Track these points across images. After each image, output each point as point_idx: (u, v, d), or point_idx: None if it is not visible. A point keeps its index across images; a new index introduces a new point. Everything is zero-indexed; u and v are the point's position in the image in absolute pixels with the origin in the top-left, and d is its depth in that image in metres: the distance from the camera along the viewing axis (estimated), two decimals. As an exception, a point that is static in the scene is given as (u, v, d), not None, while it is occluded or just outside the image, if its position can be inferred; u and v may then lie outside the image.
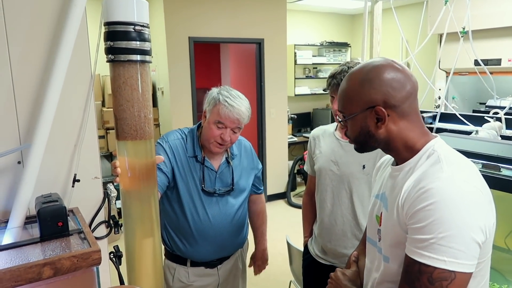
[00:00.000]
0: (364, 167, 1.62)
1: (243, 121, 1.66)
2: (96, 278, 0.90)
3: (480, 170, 1.42)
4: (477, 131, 1.94)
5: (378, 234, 1.05)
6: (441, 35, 2.62)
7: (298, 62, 6.15)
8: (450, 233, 0.79)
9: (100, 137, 4.38)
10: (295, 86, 6.18)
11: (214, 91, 1.68)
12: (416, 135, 0.96)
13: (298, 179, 5.96)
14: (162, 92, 4.77)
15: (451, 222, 0.79)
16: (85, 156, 1.18)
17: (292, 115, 6.00)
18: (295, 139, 5.89)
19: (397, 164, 1.01)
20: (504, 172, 1.38)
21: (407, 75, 0.95)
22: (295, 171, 5.65)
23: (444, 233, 0.79)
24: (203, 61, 6.04)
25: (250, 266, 2.04)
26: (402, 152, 0.98)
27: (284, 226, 4.39)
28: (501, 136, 2.00)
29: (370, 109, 0.94)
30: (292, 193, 5.53)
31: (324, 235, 1.75)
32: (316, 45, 6.41)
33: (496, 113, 2.21)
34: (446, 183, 0.83)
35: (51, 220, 0.93)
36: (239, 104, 1.64)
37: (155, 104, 5.08)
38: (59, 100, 1.06)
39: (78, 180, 1.13)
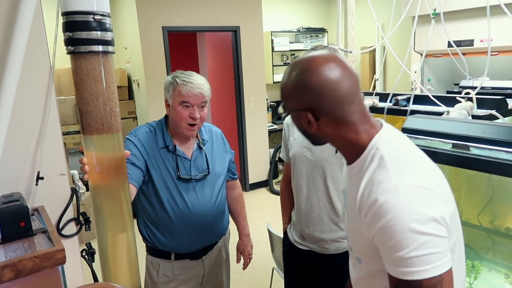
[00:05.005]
0: (337, 151, 1.62)
1: (206, 95, 1.67)
2: (62, 278, 0.87)
3: (450, 150, 1.44)
4: (448, 112, 1.96)
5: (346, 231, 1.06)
6: (413, 18, 2.63)
7: (275, 49, 6.11)
8: (419, 242, 0.79)
9: (77, 132, 4.28)
10: (273, 74, 6.15)
11: (168, 78, 1.69)
12: (357, 134, 0.92)
13: (280, 167, 5.97)
14: (138, 84, 4.68)
15: (413, 234, 0.80)
16: (48, 152, 1.14)
17: (272, 103, 5.98)
18: (275, 126, 5.89)
19: (348, 163, 0.98)
20: (474, 151, 1.40)
21: (344, 75, 0.88)
22: (276, 159, 5.66)
23: (413, 245, 0.79)
24: (180, 51, 5.94)
25: (238, 260, 2.03)
26: (346, 151, 0.97)
27: (267, 214, 4.41)
28: (472, 116, 2.03)
29: (300, 111, 0.92)
30: (274, 181, 5.54)
31: (302, 221, 1.76)
32: (293, 31, 6.38)
33: (468, 93, 2.23)
34: (395, 195, 0.82)
35: (12, 221, 0.90)
36: (196, 79, 1.65)
37: (131, 96, 4.99)
38: (17, 94, 1.02)
39: (42, 178, 1.10)
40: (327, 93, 0.87)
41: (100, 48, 1.13)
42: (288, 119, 1.86)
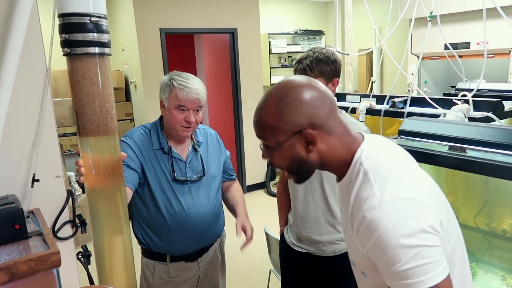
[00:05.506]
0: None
1: (203, 99, 1.65)
2: (57, 281, 0.87)
3: (446, 152, 1.45)
4: (445, 114, 1.97)
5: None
6: (411, 20, 2.64)
7: (272, 51, 6.12)
8: (410, 255, 0.80)
9: (73, 134, 4.27)
10: (270, 75, 6.16)
11: (164, 78, 1.67)
12: (344, 149, 0.93)
13: (277, 169, 5.97)
14: (135, 85, 4.68)
15: (403, 247, 0.80)
16: (44, 154, 1.14)
17: (269, 105, 5.98)
18: (273, 128, 5.88)
19: (338, 180, 0.98)
20: (470, 153, 1.40)
21: (323, 91, 0.91)
22: (275, 165, 5.65)
23: (405, 258, 0.80)
24: (177, 53, 5.94)
25: (239, 234, 1.71)
26: (337, 169, 0.96)
27: (264, 216, 4.39)
28: (468, 118, 2.04)
29: (297, 134, 0.89)
30: (271, 183, 5.54)
31: (299, 223, 1.75)
32: (291, 34, 6.39)
33: (464, 95, 2.24)
34: (380, 210, 0.83)
35: (7, 223, 0.89)
36: (193, 83, 1.63)
37: (128, 98, 4.98)
38: (13, 96, 1.01)
39: (38, 180, 1.09)
40: (321, 103, 0.89)
41: (96, 50, 1.13)
42: None
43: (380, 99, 2.67)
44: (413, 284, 0.80)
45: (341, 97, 3.03)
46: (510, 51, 4.12)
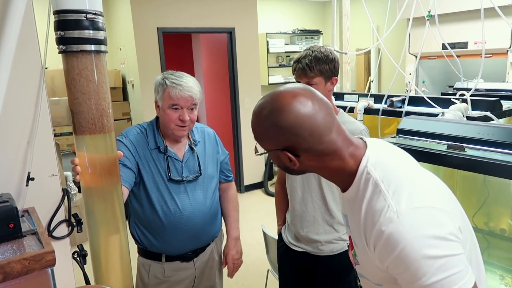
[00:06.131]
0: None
1: (196, 97, 1.64)
2: (52, 281, 0.86)
3: (445, 151, 1.44)
4: (443, 113, 1.96)
5: (354, 259, 1.00)
6: (409, 20, 2.64)
7: (270, 50, 6.12)
8: (435, 267, 0.75)
9: (70, 133, 4.25)
10: (268, 75, 6.15)
11: (158, 78, 1.67)
12: (343, 161, 0.88)
13: (275, 168, 5.96)
14: (133, 85, 4.66)
15: (427, 260, 0.76)
16: (39, 153, 1.12)
17: (267, 105, 5.97)
18: (271, 128, 5.88)
19: (342, 190, 0.94)
20: (469, 152, 1.40)
21: (316, 107, 0.84)
22: (271, 161, 5.65)
23: (430, 271, 0.76)
24: (175, 52, 5.92)
25: (224, 265, 1.92)
26: (336, 180, 0.93)
27: (262, 216, 4.39)
28: (467, 117, 2.03)
29: (278, 150, 0.87)
30: (269, 182, 5.53)
31: (296, 222, 1.75)
32: (288, 33, 6.39)
33: (463, 95, 2.24)
34: (399, 223, 0.78)
35: (1, 222, 0.88)
36: (186, 81, 1.62)
37: (125, 97, 4.97)
38: (7, 94, 1.00)
39: (33, 179, 1.08)
40: (302, 131, 0.83)
41: (92, 47, 1.12)
42: None
43: (378, 98, 2.67)
44: None
45: (339, 96, 3.03)
46: (507, 51, 4.13)
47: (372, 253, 0.85)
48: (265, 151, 0.92)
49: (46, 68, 1.17)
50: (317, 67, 1.57)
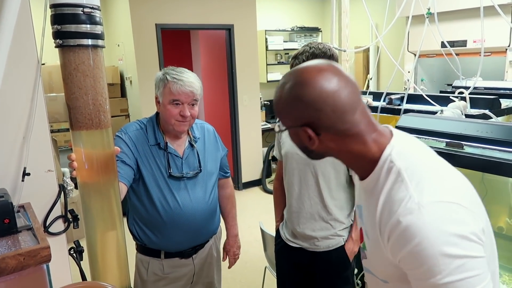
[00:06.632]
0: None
1: (197, 93, 1.63)
2: (47, 276, 0.85)
3: (443, 149, 1.44)
4: (442, 111, 1.96)
5: (363, 252, 0.97)
6: (408, 18, 2.63)
7: (269, 48, 6.09)
8: (453, 266, 0.71)
9: (68, 129, 4.23)
10: (267, 72, 6.13)
11: (159, 74, 1.65)
12: (365, 146, 0.83)
13: (273, 166, 5.96)
14: (131, 81, 4.65)
15: (445, 258, 0.72)
16: (35, 148, 1.12)
17: (265, 102, 5.96)
18: (269, 125, 5.87)
19: (361, 178, 0.90)
20: (467, 149, 1.39)
21: (342, 84, 0.81)
22: (270, 158, 5.65)
23: (447, 270, 0.71)
24: (173, 49, 5.90)
25: (224, 259, 1.99)
26: (355, 166, 0.89)
27: (260, 213, 4.39)
28: (465, 115, 2.03)
29: (298, 127, 0.84)
30: (267, 180, 5.53)
31: (293, 219, 1.75)
32: (287, 31, 6.37)
33: (461, 93, 2.24)
34: (419, 215, 0.74)
35: (-4, 217, 0.87)
36: (187, 76, 1.61)
37: (123, 94, 4.95)
38: (3, 89, 0.99)
39: (28, 174, 1.07)
40: (325, 106, 0.80)
41: (89, 41, 1.11)
42: None
43: (376, 96, 2.66)
44: None
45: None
46: (506, 49, 4.12)
47: (385, 245, 0.81)
48: (286, 128, 0.89)
49: (43, 64, 1.16)
50: None
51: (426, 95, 2.29)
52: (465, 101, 2.16)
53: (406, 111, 2.26)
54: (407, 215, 0.75)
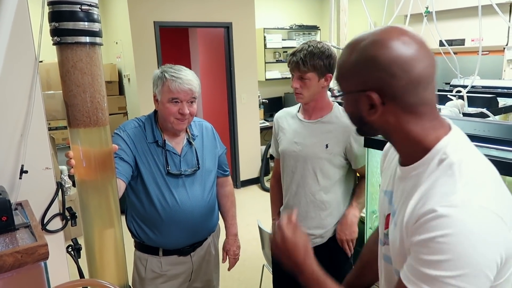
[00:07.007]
0: (327, 146, 1.62)
1: (196, 90, 1.63)
2: (45, 274, 0.85)
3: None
4: (439, 109, 1.97)
5: (385, 238, 0.92)
6: (406, 16, 2.64)
7: (267, 46, 6.09)
8: (462, 272, 0.67)
9: (66, 127, 4.22)
10: (265, 71, 6.13)
11: (157, 72, 1.65)
12: (423, 131, 0.78)
13: (271, 164, 5.97)
14: (129, 79, 4.64)
15: (465, 261, 0.68)
16: (33, 146, 1.11)
17: (264, 100, 5.96)
18: (267, 123, 5.87)
19: (403, 163, 0.84)
20: (465, 148, 1.39)
21: (421, 53, 0.75)
22: (268, 156, 5.66)
23: (455, 272, 0.68)
24: (171, 46, 5.89)
25: (224, 260, 1.98)
26: (404, 149, 0.83)
27: (258, 211, 4.39)
28: (463, 113, 2.04)
29: (362, 92, 0.77)
30: (265, 178, 5.53)
31: (289, 216, 1.75)
32: (286, 29, 6.37)
33: (459, 91, 2.24)
34: (461, 212, 0.69)
35: (-6, 215, 0.87)
36: (185, 74, 1.61)
37: (121, 91, 4.94)
38: (1, 86, 0.99)
39: (26, 171, 1.07)
40: (401, 72, 0.73)
41: (87, 39, 1.10)
42: (278, 115, 1.85)
43: (375, 94, 2.66)
44: None
45: (335, 92, 3.01)
46: (504, 48, 4.13)
47: (406, 230, 0.77)
48: (345, 92, 0.83)
49: (41, 61, 1.16)
50: (311, 62, 1.56)
51: (424, 93, 2.30)
52: (463, 99, 2.17)
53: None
54: (447, 207, 0.70)
